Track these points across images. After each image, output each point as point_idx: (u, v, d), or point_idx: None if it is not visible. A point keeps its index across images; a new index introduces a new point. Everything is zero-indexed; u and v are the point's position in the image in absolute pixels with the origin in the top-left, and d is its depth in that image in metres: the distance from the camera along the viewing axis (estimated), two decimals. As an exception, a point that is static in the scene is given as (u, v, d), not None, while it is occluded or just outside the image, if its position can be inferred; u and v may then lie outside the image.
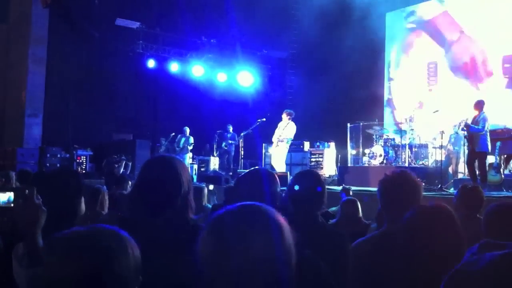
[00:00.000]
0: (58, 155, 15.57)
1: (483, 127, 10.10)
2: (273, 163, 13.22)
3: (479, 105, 10.40)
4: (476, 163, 10.38)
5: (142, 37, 17.29)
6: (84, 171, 15.74)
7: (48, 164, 15.04)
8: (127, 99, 18.97)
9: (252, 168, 2.82)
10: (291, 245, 1.35)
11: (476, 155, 10.26)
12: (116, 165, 10.75)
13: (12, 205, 2.19)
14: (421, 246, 2.08)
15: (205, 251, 1.31)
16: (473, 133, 10.18)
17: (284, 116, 13.37)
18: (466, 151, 10.75)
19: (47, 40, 17.07)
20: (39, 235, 2.06)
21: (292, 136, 13.44)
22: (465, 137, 10.70)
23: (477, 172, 10.33)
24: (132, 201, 2.46)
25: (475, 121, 10.24)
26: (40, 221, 2.07)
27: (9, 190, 2.24)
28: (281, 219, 1.37)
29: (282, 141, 13.20)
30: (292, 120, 13.35)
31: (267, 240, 1.29)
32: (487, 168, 10.59)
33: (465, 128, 10.40)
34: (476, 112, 10.37)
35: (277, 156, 13.34)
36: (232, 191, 6.73)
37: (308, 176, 3.22)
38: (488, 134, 10.26)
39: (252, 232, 1.30)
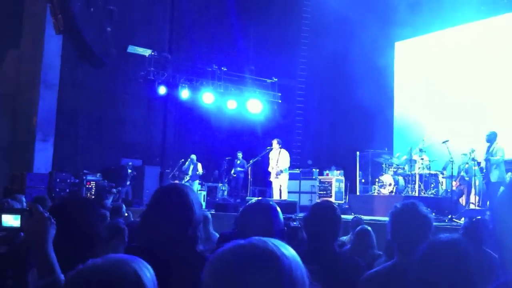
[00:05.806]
0: (68, 180, 15.59)
1: (502, 157, 10.16)
2: (278, 194, 13.17)
3: (493, 136, 10.40)
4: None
5: (153, 64, 17.43)
6: (93, 197, 15.73)
7: (57, 189, 15.04)
8: (137, 125, 19.08)
9: (255, 200, 2.82)
10: (298, 281, 1.23)
11: (493, 185, 10.23)
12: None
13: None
14: (435, 281, 2.05)
15: None
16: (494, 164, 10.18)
17: (274, 143, 13.36)
18: (477, 182, 10.69)
19: (59, 66, 17.24)
20: (50, 246, 2.01)
21: (288, 164, 13.48)
22: (480, 169, 10.63)
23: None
24: (142, 230, 2.42)
25: (491, 152, 10.22)
26: (47, 231, 2.01)
27: (16, 213, 2.20)
28: (286, 255, 1.24)
29: (282, 172, 13.18)
30: (281, 147, 13.37)
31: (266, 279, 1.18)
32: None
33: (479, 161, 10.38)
34: (487, 144, 10.39)
35: (283, 185, 13.32)
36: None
37: (324, 208, 3.23)
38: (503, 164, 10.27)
39: (249, 272, 1.19)
